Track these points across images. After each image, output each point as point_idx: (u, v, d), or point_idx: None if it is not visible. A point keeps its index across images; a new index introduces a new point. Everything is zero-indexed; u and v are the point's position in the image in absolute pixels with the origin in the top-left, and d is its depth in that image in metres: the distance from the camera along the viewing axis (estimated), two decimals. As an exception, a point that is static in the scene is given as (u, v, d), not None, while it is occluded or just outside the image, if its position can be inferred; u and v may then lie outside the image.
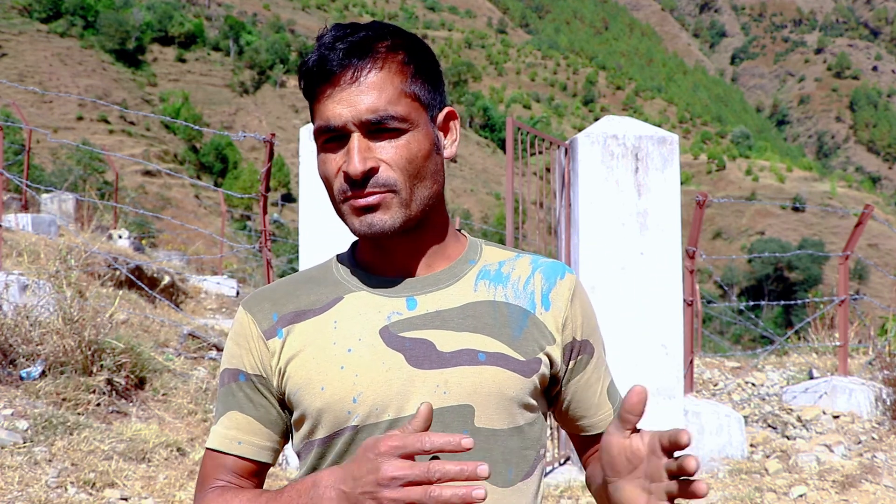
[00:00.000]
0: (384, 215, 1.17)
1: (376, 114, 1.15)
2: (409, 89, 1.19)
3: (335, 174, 1.19)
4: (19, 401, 4.75)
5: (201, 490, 1.27)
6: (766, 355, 8.56)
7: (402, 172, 1.17)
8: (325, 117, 1.17)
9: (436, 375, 1.19)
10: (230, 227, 25.91)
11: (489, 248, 1.33)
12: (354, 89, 1.16)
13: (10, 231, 8.69)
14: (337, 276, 1.29)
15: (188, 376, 6.07)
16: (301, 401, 1.21)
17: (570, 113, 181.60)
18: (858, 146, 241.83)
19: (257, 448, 1.27)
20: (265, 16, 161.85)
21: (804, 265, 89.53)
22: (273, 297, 1.29)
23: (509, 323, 1.24)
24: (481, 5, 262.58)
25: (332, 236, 5.16)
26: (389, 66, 1.18)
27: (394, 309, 1.23)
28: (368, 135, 1.17)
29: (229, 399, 1.28)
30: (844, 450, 5.56)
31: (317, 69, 1.17)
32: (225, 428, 1.27)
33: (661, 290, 5.39)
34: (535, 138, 5.52)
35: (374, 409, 1.18)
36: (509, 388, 1.20)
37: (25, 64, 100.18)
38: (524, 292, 1.27)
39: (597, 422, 1.35)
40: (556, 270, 1.31)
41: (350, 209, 1.19)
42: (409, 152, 1.18)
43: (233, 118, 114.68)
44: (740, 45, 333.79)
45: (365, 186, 1.16)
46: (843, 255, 7.06)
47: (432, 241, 1.27)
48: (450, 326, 1.21)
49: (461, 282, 1.26)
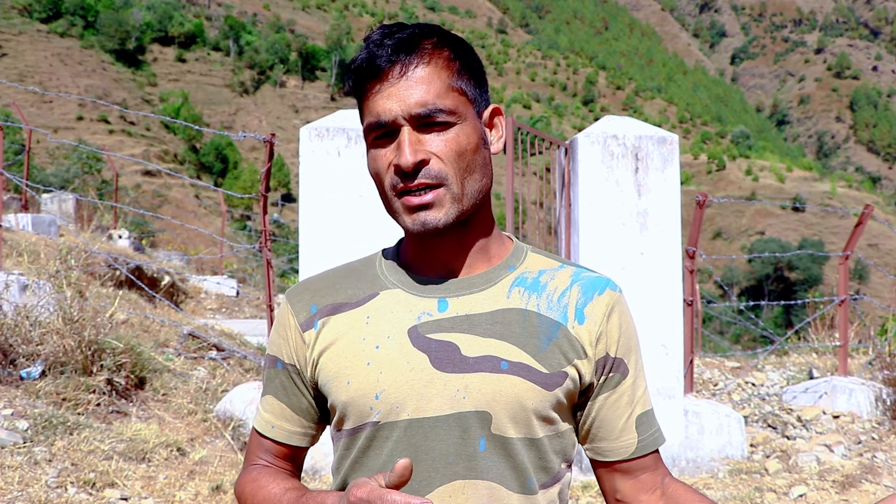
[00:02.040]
0: (438, 213, 1.18)
1: (425, 107, 1.16)
2: (456, 84, 1.20)
3: (386, 169, 1.20)
4: (19, 401, 4.75)
5: (246, 465, 1.38)
6: (766, 355, 8.56)
7: (452, 165, 1.18)
8: (376, 112, 1.18)
9: (457, 379, 1.19)
10: (230, 228, 25.91)
11: (535, 255, 1.32)
12: (403, 83, 1.17)
13: (10, 231, 8.69)
14: (378, 270, 1.31)
15: (188, 376, 6.06)
16: (330, 392, 1.25)
17: (570, 113, 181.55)
18: (858, 146, 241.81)
19: (288, 433, 1.34)
20: (265, 16, 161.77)
21: (804, 265, 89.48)
22: (314, 288, 1.32)
23: (538, 334, 1.23)
24: (481, 5, 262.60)
25: (332, 236, 5.16)
26: (436, 62, 1.19)
27: (425, 309, 1.24)
28: (418, 128, 1.18)
29: (268, 384, 1.35)
30: (844, 450, 5.55)
31: (366, 66, 1.19)
32: (263, 410, 1.36)
33: (661, 289, 5.38)
34: (535, 138, 5.52)
35: (395, 407, 1.20)
36: (528, 399, 1.20)
37: (25, 64, 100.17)
38: (558, 304, 1.25)
39: (616, 448, 1.29)
40: (596, 285, 1.28)
41: (403, 207, 1.20)
42: (459, 145, 1.19)
43: (233, 118, 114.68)
44: (740, 45, 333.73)
45: (416, 178, 1.17)
46: (844, 255, 7.06)
47: (476, 241, 1.26)
48: (477, 331, 1.22)
49: (495, 287, 1.26)
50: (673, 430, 5.43)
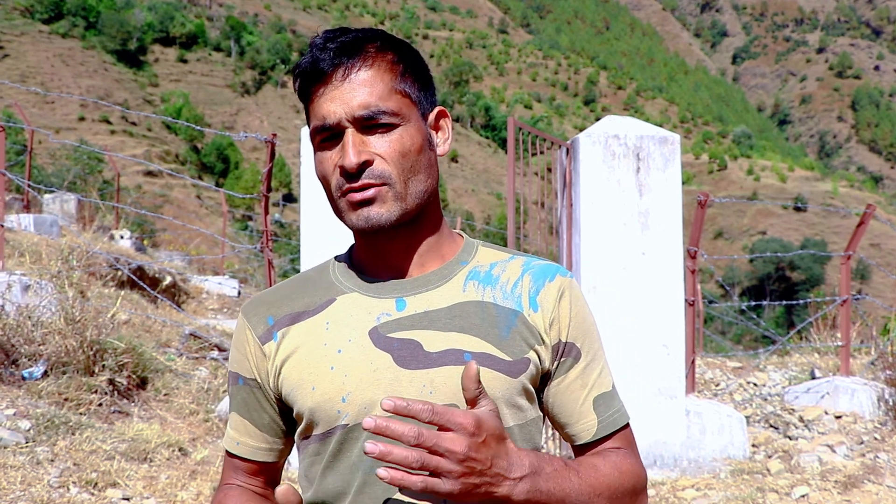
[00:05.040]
0: (380, 208, 1.20)
1: (368, 109, 1.18)
2: (399, 87, 1.21)
3: (332, 171, 1.22)
4: (21, 401, 4.76)
5: (219, 486, 1.39)
6: (767, 355, 8.56)
7: (395, 165, 1.20)
8: (320, 116, 1.20)
9: (422, 375, 1.20)
10: (232, 228, 25.92)
11: (485, 249, 1.33)
12: (346, 87, 1.19)
13: (12, 231, 8.69)
14: (332, 277, 1.32)
15: (190, 376, 6.07)
16: (295, 400, 1.25)
17: (572, 113, 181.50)
18: (860, 146, 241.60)
19: (253, 449, 1.34)
20: (266, 16, 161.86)
21: (806, 265, 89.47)
22: (269, 301, 1.32)
23: (497, 323, 1.24)
24: (482, 5, 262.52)
25: (334, 236, 5.16)
26: (379, 65, 1.21)
27: (383, 310, 1.24)
28: (362, 130, 1.19)
29: (232, 401, 1.36)
30: (847, 450, 5.55)
31: (309, 69, 1.21)
32: (230, 427, 1.36)
33: (662, 289, 5.38)
34: (536, 138, 5.52)
35: (363, 408, 1.20)
36: (495, 389, 1.20)
37: (27, 65, 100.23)
38: (512, 294, 1.27)
39: (577, 431, 1.30)
40: (546, 273, 1.30)
41: (347, 204, 1.21)
42: (402, 146, 1.20)
43: (234, 118, 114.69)
44: (742, 44, 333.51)
45: (360, 178, 1.18)
46: (845, 255, 7.06)
47: (426, 240, 1.28)
48: (437, 327, 1.23)
49: (450, 282, 1.27)
50: (674, 430, 5.43)
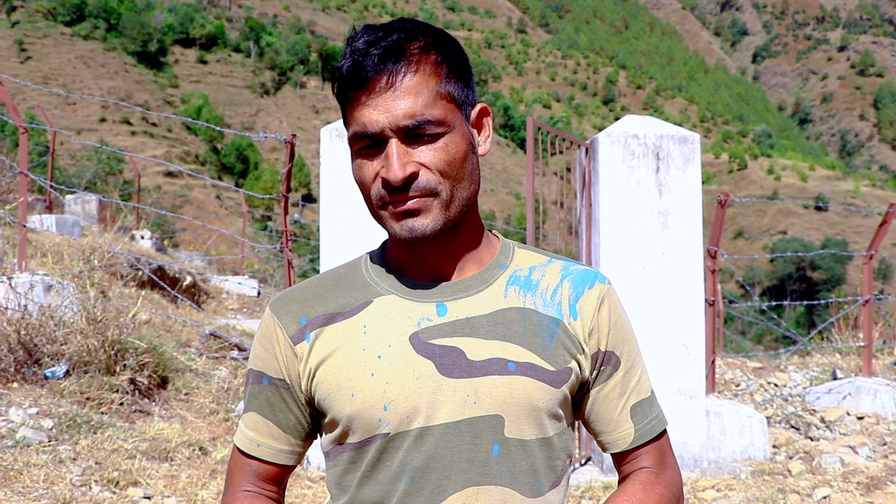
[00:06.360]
0: (425, 219, 1.16)
1: (414, 119, 1.14)
2: (444, 90, 1.17)
3: (372, 180, 1.18)
4: (44, 400, 4.80)
5: (229, 490, 1.32)
6: (788, 356, 8.49)
7: (442, 175, 1.16)
8: (362, 123, 1.15)
9: (465, 384, 1.18)
10: (251, 228, 26.01)
11: (521, 251, 1.31)
12: (390, 95, 1.14)
13: (34, 232, 8.78)
14: (366, 277, 1.28)
15: (210, 376, 6.10)
16: (332, 406, 1.21)
17: (591, 112, 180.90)
18: (882, 144, 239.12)
19: (275, 451, 1.29)
20: (285, 17, 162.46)
21: (827, 265, 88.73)
22: (301, 299, 1.27)
23: (539, 332, 1.22)
24: (501, 5, 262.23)
25: (353, 236, 5.18)
26: (424, 69, 1.16)
27: (424, 315, 1.21)
28: (406, 139, 1.15)
29: (252, 400, 1.30)
30: (869, 451, 5.50)
31: (351, 76, 1.16)
32: (247, 427, 1.31)
33: (682, 289, 5.36)
34: (555, 138, 5.50)
35: (405, 417, 1.17)
36: (539, 399, 1.19)
37: (50, 67, 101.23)
38: (552, 302, 1.25)
39: (614, 440, 1.29)
40: (586, 279, 1.28)
41: (390, 214, 1.18)
42: (448, 155, 1.16)
43: (253, 119, 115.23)
44: (762, 43, 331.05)
45: (406, 191, 1.15)
46: (867, 255, 6.99)
47: (465, 244, 1.25)
48: (479, 334, 1.20)
49: (491, 287, 1.24)
50: (695, 430, 5.40)
